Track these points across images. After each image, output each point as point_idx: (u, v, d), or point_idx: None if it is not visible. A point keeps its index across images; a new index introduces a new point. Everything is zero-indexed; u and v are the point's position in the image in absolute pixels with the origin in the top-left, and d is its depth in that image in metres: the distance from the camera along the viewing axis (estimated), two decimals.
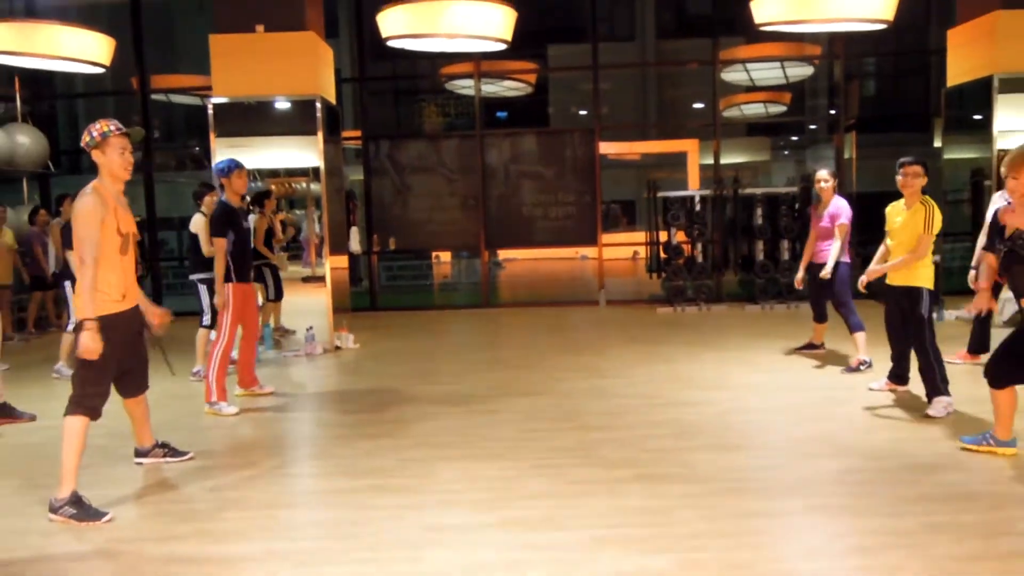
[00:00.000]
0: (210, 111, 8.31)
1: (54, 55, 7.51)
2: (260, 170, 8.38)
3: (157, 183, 11.64)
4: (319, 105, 8.29)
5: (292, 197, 8.90)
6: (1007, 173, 3.98)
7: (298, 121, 8.37)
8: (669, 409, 5.43)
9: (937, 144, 11.09)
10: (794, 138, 21.85)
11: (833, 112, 13.61)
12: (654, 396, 5.82)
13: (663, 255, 11.17)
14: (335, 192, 9.04)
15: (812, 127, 20.90)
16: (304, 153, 8.40)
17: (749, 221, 10.64)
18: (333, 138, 9.04)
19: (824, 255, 6.60)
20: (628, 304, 11.27)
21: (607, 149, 13.07)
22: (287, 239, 8.36)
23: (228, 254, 5.66)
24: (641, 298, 11.73)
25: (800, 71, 15.92)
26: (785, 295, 10.10)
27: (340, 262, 9.19)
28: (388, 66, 17.28)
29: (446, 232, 11.77)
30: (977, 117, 9.17)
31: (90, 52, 7.78)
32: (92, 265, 3.75)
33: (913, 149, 6.49)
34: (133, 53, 11.12)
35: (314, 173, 8.44)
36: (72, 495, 3.75)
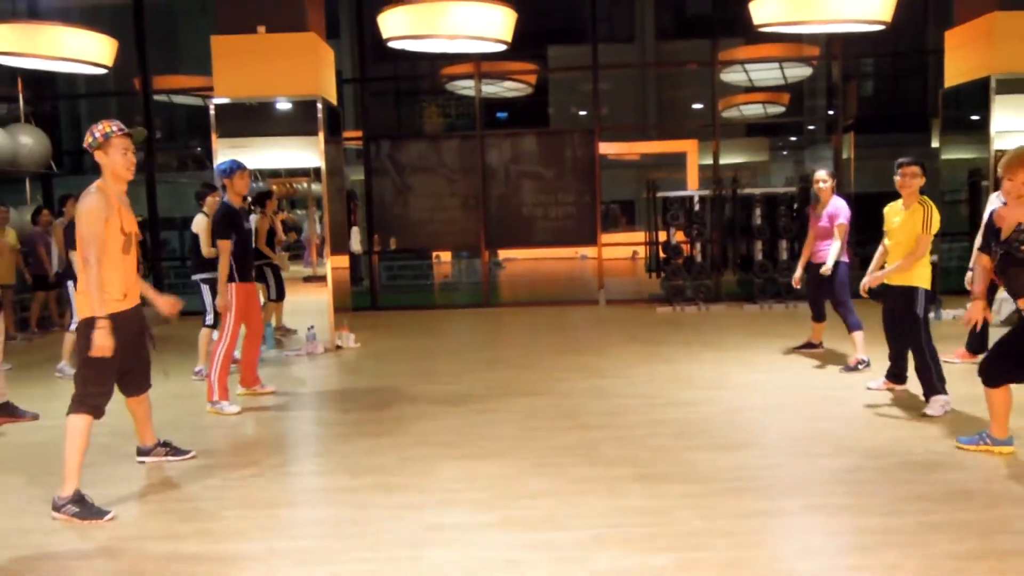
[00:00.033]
0: (212, 112, 8.33)
1: (57, 56, 7.54)
2: (261, 170, 8.40)
3: (159, 183, 11.66)
4: (320, 106, 8.31)
5: (293, 197, 8.90)
6: (1003, 174, 3.99)
7: (299, 122, 8.38)
8: (669, 408, 5.44)
9: (935, 144, 11.10)
10: (793, 138, 21.84)
11: (831, 113, 13.63)
12: (654, 395, 5.83)
13: (662, 255, 11.20)
14: (336, 192, 9.06)
15: (810, 128, 20.90)
16: (305, 153, 8.41)
17: (748, 221, 10.66)
18: (334, 138, 9.05)
19: (822, 255, 6.63)
20: (628, 304, 11.29)
21: (607, 149, 13.08)
22: (288, 241, 8.38)
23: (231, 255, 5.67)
24: (640, 298, 11.75)
25: (798, 72, 15.94)
26: (784, 295, 10.12)
27: (341, 262, 9.20)
28: (389, 67, 17.30)
29: (446, 232, 11.80)
30: (974, 118, 9.18)
31: (92, 53, 7.80)
32: (97, 264, 3.77)
33: (911, 149, 6.49)
34: (135, 54, 11.15)
35: (315, 173, 8.46)
36: (75, 493, 3.76)
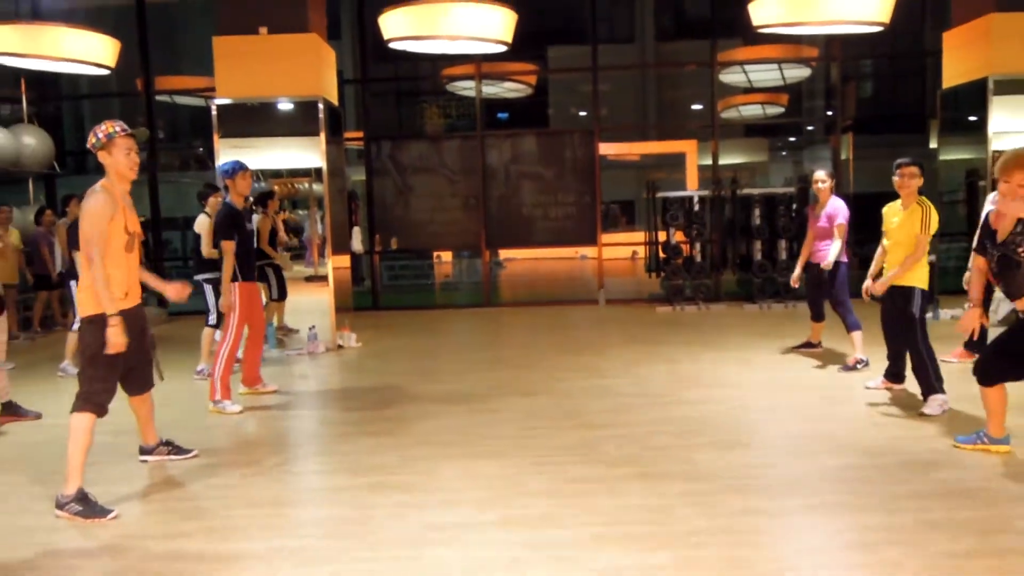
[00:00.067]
0: (214, 112, 8.34)
1: (60, 57, 7.56)
2: (263, 171, 8.42)
3: (161, 183, 11.67)
4: (322, 106, 8.32)
5: (295, 197, 8.93)
6: (999, 176, 3.96)
7: (301, 122, 8.40)
8: (668, 407, 5.46)
9: (933, 145, 11.12)
10: (791, 139, 21.91)
11: (830, 113, 13.69)
12: (653, 394, 5.85)
13: (662, 255, 11.22)
14: (337, 192, 9.07)
15: (809, 128, 20.98)
16: (307, 154, 8.43)
17: (747, 221, 10.68)
18: (335, 139, 9.07)
19: (821, 255, 6.65)
20: (627, 303, 11.30)
21: (607, 150, 13.13)
22: (289, 242, 8.39)
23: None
24: (640, 297, 11.76)
25: (797, 73, 15.97)
26: (783, 294, 10.15)
27: (342, 262, 9.22)
28: (390, 68, 17.33)
29: (447, 232, 11.81)
30: (972, 118, 9.20)
31: (95, 54, 7.83)
32: (102, 262, 3.79)
33: (909, 150, 6.52)
34: (138, 55, 11.15)
35: (316, 174, 8.48)
36: (78, 492, 3.77)
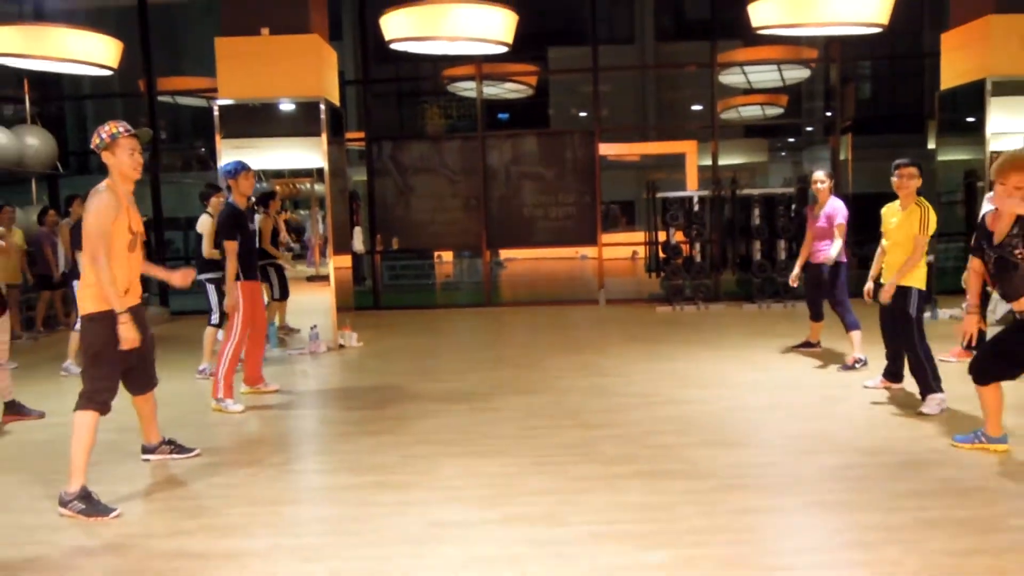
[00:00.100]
0: (215, 113, 8.37)
1: (62, 58, 7.58)
2: (265, 171, 8.44)
3: (163, 184, 11.69)
4: (323, 107, 8.34)
5: (296, 198, 8.95)
6: (995, 178, 3.96)
7: (302, 123, 8.43)
8: (668, 406, 5.48)
9: (931, 146, 11.12)
10: (791, 140, 21.94)
11: (829, 114, 13.71)
12: (653, 394, 5.87)
13: (662, 255, 11.25)
14: (339, 193, 9.10)
15: (808, 129, 21.02)
16: (308, 154, 8.46)
17: (747, 221, 10.71)
18: (337, 139, 9.10)
19: (820, 255, 6.68)
20: (627, 303, 11.33)
21: (607, 150, 13.14)
22: (290, 243, 8.42)
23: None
24: (640, 297, 11.79)
25: (797, 74, 15.97)
26: (782, 294, 10.18)
27: (344, 262, 9.24)
28: (391, 68, 17.35)
29: (448, 232, 11.83)
30: (970, 119, 9.21)
31: (98, 55, 7.85)
32: (108, 260, 3.81)
33: (908, 151, 6.54)
34: (140, 56, 11.16)
35: (318, 174, 8.51)
36: (81, 490, 3.79)
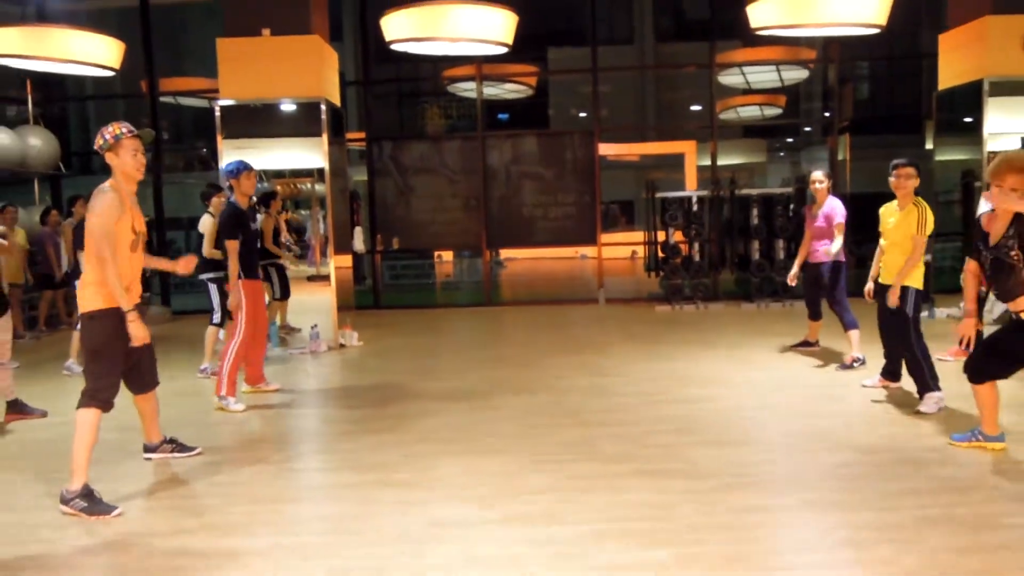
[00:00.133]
0: (217, 113, 8.39)
1: (65, 59, 7.57)
2: (266, 171, 8.46)
3: (165, 184, 11.70)
4: (324, 107, 8.36)
5: (297, 198, 8.97)
6: (991, 179, 3.95)
7: (303, 123, 8.45)
8: (668, 405, 5.50)
9: (929, 146, 11.14)
10: (789, 140, 21.95)
11: (827, 115, 13.72)
12: (653, 393, 5.89)
13: (661, 254, 11.26)
14: (339, 193, 9.13)
15: (807, 129, 21.04)
16: (309, 154, 8.48)
17: (745, 221, 10.73)
18: (337, 140, 9.12)
19: (819, 255, 6.70)
20: (627, 302, 11.34)
21: (606, 150, 13.14)
22: (290, 243, 8.44)
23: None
24: (640, 296, 11.81)
25: (795, 74, 15.97)
26: (781, 293, 10.20)
27: (344, 261, 9.26)
28: (392, 69, 17.36)
29: (448, 232, 11.85)
30: (968, 120, 9.22)
31: (100, 56, 7.85)
32: (113, 261, 3.83)
33: (905, 151, 6.56)
34: (142, 56, 11.17)
35: (319, 174, 8.53)
36: (83, 487, 3.81)
